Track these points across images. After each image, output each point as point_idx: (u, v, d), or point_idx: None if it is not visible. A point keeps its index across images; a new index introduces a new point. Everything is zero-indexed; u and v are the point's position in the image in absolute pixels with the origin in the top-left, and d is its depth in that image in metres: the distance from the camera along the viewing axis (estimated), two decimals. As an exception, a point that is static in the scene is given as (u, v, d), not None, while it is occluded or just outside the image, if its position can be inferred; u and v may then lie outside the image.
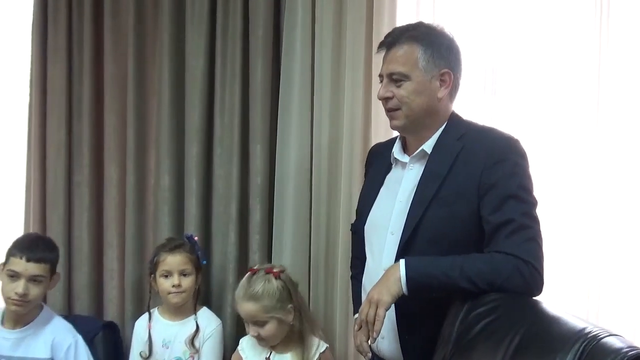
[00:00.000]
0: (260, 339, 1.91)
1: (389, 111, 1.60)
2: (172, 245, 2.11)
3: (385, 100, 1.59)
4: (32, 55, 2.49)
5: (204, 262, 2.15)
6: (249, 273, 1.96)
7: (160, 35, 2.33)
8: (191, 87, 2.30)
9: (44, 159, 2.47)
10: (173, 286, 2.07)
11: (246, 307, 1.88)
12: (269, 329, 1.88)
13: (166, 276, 2.09)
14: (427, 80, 1.54)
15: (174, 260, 2.08)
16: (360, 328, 1.44)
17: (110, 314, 2.41)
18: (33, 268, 1.97)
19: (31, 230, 2.46)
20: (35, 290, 1.98)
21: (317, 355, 1.93)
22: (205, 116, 2.30)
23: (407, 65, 1.54)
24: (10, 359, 2.02)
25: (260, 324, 1.88)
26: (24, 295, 1.95)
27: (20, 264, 1.96)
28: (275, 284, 1.90)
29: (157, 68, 2.36)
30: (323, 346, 1.96)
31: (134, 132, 2.37)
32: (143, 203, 2.40)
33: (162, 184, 2.32)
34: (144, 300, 2.35)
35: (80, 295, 2.43)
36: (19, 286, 1.95)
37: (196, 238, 2.16)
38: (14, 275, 1.97)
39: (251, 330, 1.90)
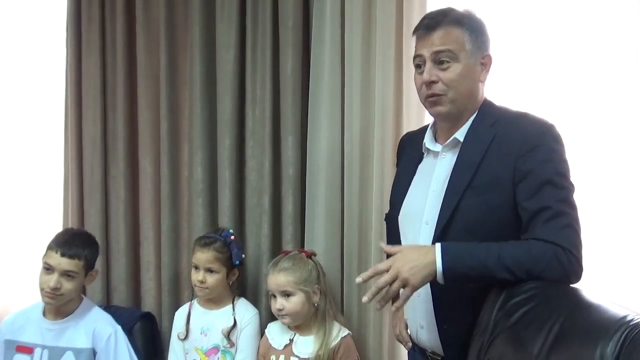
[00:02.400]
0: (284, 315, 1.97)
1: (432, 97, 1.53)
2: (203, 241, 2.15)
3: (429, 85, 1.52)
4: (67, 52, 2.54)
5: (237, 262, 2.16)
6: (282, 253, 2.07)
7: (191, 29, 2.35)
8: (222, 79, 2.32)
9: (81, 154, 2.52)
10: (198, 281, 2.11)
11: (277, 278, 1.98)
12: (295, 301, 1.96)
13: (196, 268, 2.13)
14: (472, 63, 1.52)
15: (201, 256, 2.12)
16: (374, 294, 1.38)
17: (148, 305, 2.45)
18: (66, 263, 2.01)
19: (70, 224, 2.52)
20: (67, 285, 2.02)
21: (338, 339, 1.98)
22: (237, 108, 2.32)
23: (455, 45, 1.50)
24: (53, 349, 2.07)
25: (288, 295, 1.95)
26: (55, 289, 1.99)
27: (55, 258, 2.01)
28: (306, 261, 2.04)
29: (189, 61, 2.38)
30: (345, 331, 2.01)
31: (167, 125, 2.40)
32: (177, 195, 2.44)
33: (196, 176, 2.35)
34: (180, 291, 2.40)
35: (118, 287, 2.49)
36: (52, 280, 1.99)
37: (232, 237, 2.17)
38: (48, 268, 2.02)
39: (277, 303, 1.97)
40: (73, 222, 2.52)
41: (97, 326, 2.11)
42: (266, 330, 2.11)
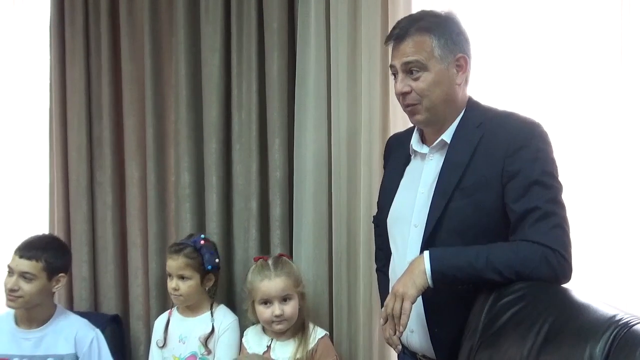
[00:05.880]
0: (282, 320, 1.94)
1: (408, 106, 1.54)
2: (173, 248, 2.12)
3: (403, 95, 1.54)
4: (50, 58, 2.51)
5: (210, 267, 2.12)
6: (261, 260, 2.04)
7: (176, 33, 2.34)
8: (208, 84, 2.30)
9: (66, 160, 2.50)
10: (172, 288, 2.10)
11: (277, 283, 1.94)
12: (294, 305, 1.95)
13: (170, 276, 2.12)
14: (444, 68, 1.51)
15: (172, 264, 2.10)
16: (386, 322, 1.43)
17: (136, 311, 2.43)
18: (23, 265, 2.01)
19: (56, 231, 2.49)
20: (26, 287, 2.01)
21: (315, 341, 1.97)
22: (223, 112, 2.30)
23: (421, 55, 1.50)
24: (32, 358, 2.06)
25: (287, 299, 1.94)
26: (12, 291, 1.99)
27: (14, 260, 2.03)
28: (292, 264, 2.05)
29: (174, 66, 2.36)
30: (321, 332, 2.01)
31: (153, 130, 2.38)
32: (164, 201, 2.42)
33: (183, 182, 2.33)
34: (168, 297, 2.36)
35: (106, 294, 2.46)
36: (10, 281, 2.00)
37: (203, 242, 2.13)
38: (9, 271, 2.03)
39: (277, 309, 1.93)
40: (59, 230, 2.49)
41: (78, 331, 2.11)
42: (243, 339, 2.08)
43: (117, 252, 2.47)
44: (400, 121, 2.04)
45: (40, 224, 2.61)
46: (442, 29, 1.51)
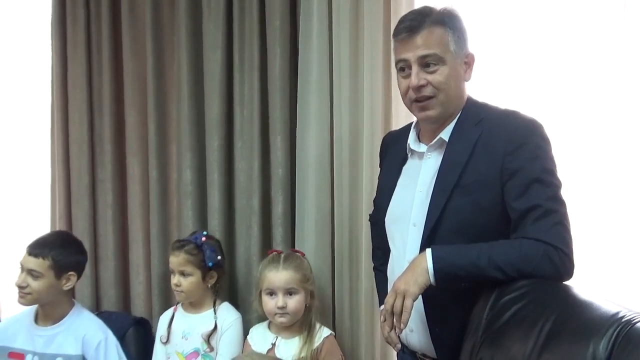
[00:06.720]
0: (284, 313, 1.94)
1: (421, 100, 1.50)
2: (176, 245, 2.14)
3: (418, 89, 1.49)
4: (52, 54, 2.51)
5: (211, 264, 2.11)
6: (274, 253, 2.04)
7: (178, 30, 2.34)
8: (210, 81, 2.30)
9: (68, 157, 2.51)
10: (174, 284, 2.11)
11: (283, 275, 1.95)
12: (298, 300, 1.95)
13: (172, 272, 2.13)
14: (458, 64, 1.50)
15: (174, 260, 2.11)
16: (385, 319, 1.42)
17: (138, 309, 2.43)
18: (30, 262, 2.01)
19: (57, 228, 2.50)
20: (33, 284, 2.00)
21: (320, 340, 1.97)
22: (225, 109, 2.30)
23: (439, 48, 1.47)
24: (43, 356, 2.06)
25: (292, 293, 1.94)
26: (20, 287, 2.00)
27: (24, 257, 2.04)
28: (303, 260, 2.04)
29: (176, 62, 2.36)
30: (327, 332, 2.00)
31: (154, 127, 2.38)
32: (166, 198, 2.42)
33: (184, 179, 2.33)
34: (171, 294, 2.37)
35: (107, 291, 2.47)
36: (19, 278, 2.01)
37: (204, 239, 2.14)
38: (20, 268, 2.03)
39: (280, 300, 1.93)
40: (61, 227, 2.50)
41: (87, 332, 2.08)
42: (248, 336, 2.08)
43: (119, 249, 2.47)
44: (402, 117, 2.04)
45: (42, 221, 2.61)
46: (454, 23, 1.50)
